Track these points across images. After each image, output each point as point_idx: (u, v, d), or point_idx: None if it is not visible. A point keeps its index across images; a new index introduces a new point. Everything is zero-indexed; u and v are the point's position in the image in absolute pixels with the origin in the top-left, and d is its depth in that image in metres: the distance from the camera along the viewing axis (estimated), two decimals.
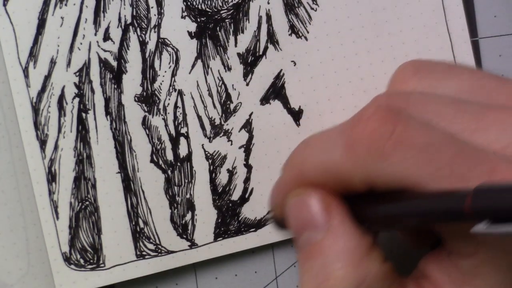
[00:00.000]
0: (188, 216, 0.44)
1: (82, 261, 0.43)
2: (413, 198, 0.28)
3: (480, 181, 0.25)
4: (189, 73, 0.44)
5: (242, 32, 0.44)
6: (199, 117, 0.44)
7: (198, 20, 0.44)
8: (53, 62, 0.43)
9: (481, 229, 0.24)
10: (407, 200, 0.28)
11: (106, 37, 0.44)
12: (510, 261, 0.28)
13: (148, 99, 0.44)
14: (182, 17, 0.44)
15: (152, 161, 0.44)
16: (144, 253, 0.43)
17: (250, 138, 0.44)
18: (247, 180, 0.44)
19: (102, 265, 0.43)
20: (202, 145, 0.44)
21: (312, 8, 0.45)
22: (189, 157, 0.44)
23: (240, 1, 0.44)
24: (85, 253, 0.43)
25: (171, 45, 0.44)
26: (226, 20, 0.44)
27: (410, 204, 0.28)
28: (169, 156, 0.44)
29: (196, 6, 0.44)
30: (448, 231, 0.29)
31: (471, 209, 0.24)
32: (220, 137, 0.44)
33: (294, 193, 0.33)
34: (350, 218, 0.31)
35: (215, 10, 0.44)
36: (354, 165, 0.29)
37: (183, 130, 0.44)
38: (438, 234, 0.30)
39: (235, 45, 0.44)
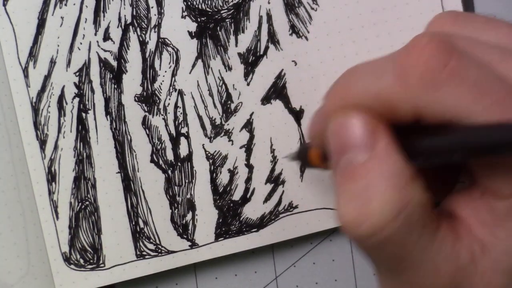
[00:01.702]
0: (189, 216, 0.44)
1: (82, 261, 0.43)
2: (463, 130, 0.27)
3: None
4: (190, 73, 0.44)
5: (243, 32, 0.44)
6: (200, 117, 0.44)
7: (199, 20, 0.44)
8: (53, 62, 0.43)
9: None
10: (457, 131, 0.28)
11: (106, 37, 0.44)
12: None
13: (148, 99, 0.44)
14: (182, 17, 0.44)
15: (152, 161, 0.44)
16: (144, 253, 0.43)
17: (251, 138, 0.44)
18: (248, 180, 0.44)
19: (102, 265, 0.43)
20: (203, 145, 0.44)
21: (312, 8, 0.45)
22: (189, 157, 0.44)
23: (240, 1, 0.44)
24: (85, 253, 0.43)
25: (171, 45, 0.44)
26: (227, 20, 0.44)
27: (461, 134, 0.27)
28: (170, 156, 0.44)
29: (197, 6, 0.44)
30: (486, 169, 0.28)
31: None
32: (221, 137, 0.44)
33: (338, 114, 0.31)
34: (396, 144, 0.30)
35: (216, 10, 0.44)
36: (405, 93, 0.29)
37: (184, 130, 0.44)
38: (471, 173, 0.30)
39: (236, 45, 0.44)
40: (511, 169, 0.27)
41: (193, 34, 0.44)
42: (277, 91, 0.44)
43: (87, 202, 0.43)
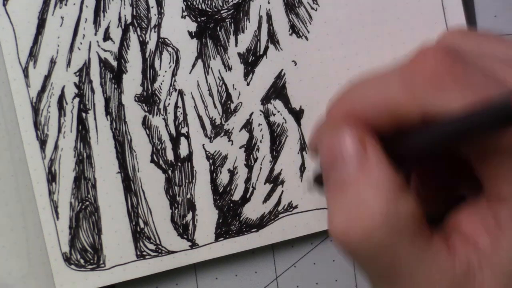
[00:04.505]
0: (189, 216, 0.44)
1: (82, 261, 0.43)
2: (444, 120, 0.28)
3: None
4: (190, 73, 0.44)
5: (243, 32, 0.44)
6: (200, 117, 0.44)
7: (199, 20, 0.44)
8: (53, 62, 0.43)
9: None
10: (450, 119, 0.28)
11: (106, 37, 0.44)
12: None
13: (148, 99, 0.44)
14: (182, 17, 0.44)
15: (152, 161, 0.44)
16: (144, 253, 0.43)
17: (251, 138, 0.44)
18: (248, 180, 0.44)
19: (102, 265, 0.43)
20: (203, 145, 0.44)
21: (312, 8, 0.45)
22: (189, 157, 0.44)
23: (240, 1, 0.44)
24: (85, 253, 0.43)
25: (171, 45, 0.44)
26: (227, 20, 0.44)
27: (454, 120, 0.28)
28: (170, 156, 0.44)
29: (196, 6, 0.44)
30: (491, 170, 0.29)
31: None
32: (221, 137, 0.44)
33: (331, 127, 0.32)
34: (386, 155, 0.31)
35: (216, 10, 0.44)
36: (412, 98, 0.29)
37: (184, 130, 0.44)
38: (477, 179, 0.30)
39: (236, 45, 0.44)
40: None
41: (193, 34, 0.44)
42: (277, 91, 0.44)
43: (88, 202, 0.43)
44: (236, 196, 0.44)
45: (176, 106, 0.44)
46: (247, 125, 0.44)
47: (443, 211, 0.33)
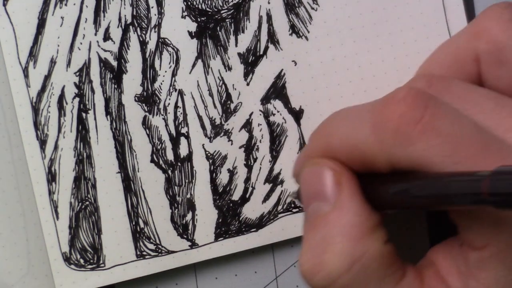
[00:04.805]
0: (189, 216, 0.44)
1: (82, 261, 0.43)
2: (428, 177, 0.28)
3: None
4: (190, 73, 0.44)
5: (243, 31, 0.44)
6: (200, 117, 0.44)
7: (199, 20, 0.44)
8: (53, 62, 0.43)
9: None
10: (421, 179, 0.28)
11: (106, 37, 0.44)
12: None
13: (148, 99, 0.44)
14: (183, 17, 0.44)
15: (152, 161, 0.44)
16: (144, 253, 0.43)
17: (250, 138, 0.44)
18: (247, 180, 0.44)
19: (102, 265, 0.43)
20: (203, 145, 0.44)
21: (312, 8, 0.45)
22: (189, 157, 0.44)
23: (240, 1, 0.44)
24: (85, 253, 0.43)
25: (171, 45, 0.44)
26: (227, 20, 0.44)
27: (424, 183, 0.28)
28: (170, 156, 0.44)
29: (197, 6, 0.44)
30: (463, 220, 0.29)
31: (489, 191, 0.24)
32: (221, 137, 0.44)
33: (311, 162, 0.33)
34: (360, 195, 0.31)
35: (216, 10, 0.44)
36: (379, 146, 0.29)
37: (184, 130, 0.44)
38: (453, 223, 0.30)
39: (236, 45, 0.44)
40: (484, 222, 0.28)
41: (193, 34, 0.44)
42: (277, 91, 0.44)
43: (87, 202, 0.43)
44: (236, 196, 0.44)
45: (176, 106, 0.44)
46: (247, 125, 0.44)
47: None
